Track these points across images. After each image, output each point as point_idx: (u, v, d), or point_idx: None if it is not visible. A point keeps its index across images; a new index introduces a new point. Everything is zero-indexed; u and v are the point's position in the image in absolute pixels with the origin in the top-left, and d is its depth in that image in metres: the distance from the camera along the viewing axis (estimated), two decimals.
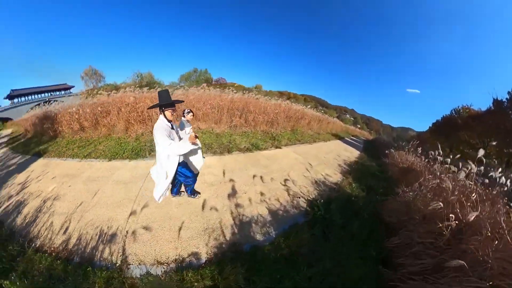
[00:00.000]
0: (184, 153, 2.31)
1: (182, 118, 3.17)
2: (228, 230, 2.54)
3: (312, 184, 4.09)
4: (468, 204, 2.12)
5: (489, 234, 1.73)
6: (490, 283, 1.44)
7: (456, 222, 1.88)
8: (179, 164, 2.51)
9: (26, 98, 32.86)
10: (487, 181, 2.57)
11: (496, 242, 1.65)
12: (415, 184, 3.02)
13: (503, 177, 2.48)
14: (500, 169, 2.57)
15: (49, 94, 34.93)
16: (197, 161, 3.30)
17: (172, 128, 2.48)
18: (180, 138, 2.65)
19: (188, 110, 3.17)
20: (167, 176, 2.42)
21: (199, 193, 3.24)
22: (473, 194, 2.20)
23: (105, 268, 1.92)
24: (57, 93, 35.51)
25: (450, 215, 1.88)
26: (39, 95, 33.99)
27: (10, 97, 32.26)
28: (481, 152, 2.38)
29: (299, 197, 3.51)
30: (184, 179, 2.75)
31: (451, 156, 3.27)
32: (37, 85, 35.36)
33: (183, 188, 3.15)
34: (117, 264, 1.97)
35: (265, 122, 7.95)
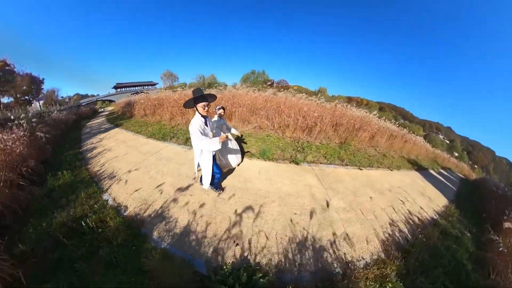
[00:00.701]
0: (215, 149, 2.42)
1: (216, 114, 3.62)
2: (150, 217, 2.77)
3: (293, 249, 2.24)
4: None
5: None
6: None
7: None
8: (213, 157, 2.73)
9: (126, 89, 46.59)
10: None
11: None
12: None
13: None
14: None
15: (141, 87, 46.43)
16: (231, 159, 3.79)
17: (206, 123, 2.60)
18: (215, 133, 2.96)
19: (220, 107, 3.61)
20: (203, 166, 2.75)
21: (222, 189, 3.22)
22: None
23: (98, 187, 3.42)
24: (146, 87, 46.64)
25: None
26: (134, 88, 46.42)
27: (115, 87, 47.52)
28: None
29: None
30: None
31: None
32: (134, 81, 49.96)
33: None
34: (103, 190, 3.38)
35: (300, 127, 6.43)
